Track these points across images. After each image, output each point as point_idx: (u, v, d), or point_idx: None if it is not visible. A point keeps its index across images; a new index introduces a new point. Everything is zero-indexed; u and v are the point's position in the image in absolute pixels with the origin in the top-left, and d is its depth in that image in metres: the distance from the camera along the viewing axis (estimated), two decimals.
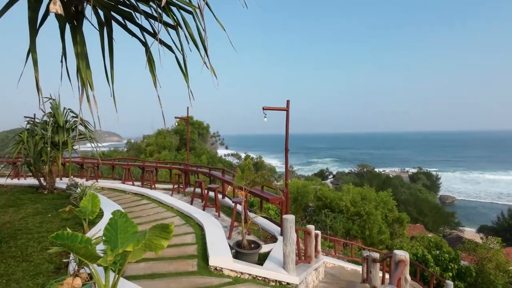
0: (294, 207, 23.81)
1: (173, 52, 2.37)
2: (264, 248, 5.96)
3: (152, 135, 45.92)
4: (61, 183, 9.43)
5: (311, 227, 6.66)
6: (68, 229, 3.47)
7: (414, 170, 76.53)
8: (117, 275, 2.56)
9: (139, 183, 12.13)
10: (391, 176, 60.94)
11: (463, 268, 11.97)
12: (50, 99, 7.84)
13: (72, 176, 8.24)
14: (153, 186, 11.57)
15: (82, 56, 2.26)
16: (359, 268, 10.79)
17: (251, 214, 7.38)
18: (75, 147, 8.32)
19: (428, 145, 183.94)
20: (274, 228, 7.20)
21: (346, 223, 21.07)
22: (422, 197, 42.09)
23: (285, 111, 6.64)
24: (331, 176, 74.89)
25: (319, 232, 8.47)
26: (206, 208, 8.46)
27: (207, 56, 2.22)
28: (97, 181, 12.01)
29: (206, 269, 4.71)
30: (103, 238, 2.68)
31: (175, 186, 11.13)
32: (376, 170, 67.84)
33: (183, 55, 2.35)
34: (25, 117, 7.95)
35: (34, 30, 2.09)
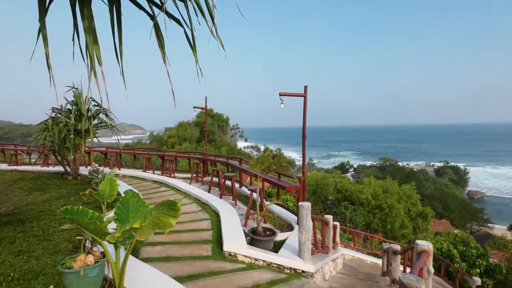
0: (313, 199, 23.54)
1: (181, 25, 2.29)
2: (280, 236, 5.88)
3: (174, 128, 46.79)
4: (85, 170, 9.77)
5: (329, 217, 6.50)
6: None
7: (440, 164, 73.39)
8: (127, 253, 2.56)
9: (159, 172, 12.37)
10: (415, 169, 58.79)
11: (492, 265, 11.35)
12: (72, 88, 8.08)
13: (94, 163, 8.50)
14: (172, 174, 11.77)
15: (89, 30, 2.22)
16: (379, 261, 10.50)
17: (266, 202, 7.31)
18: (97, 135, 8.56)
19: (456, 138, 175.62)
20: (290, 217, 7.09)
21: (367, 216, 20.58)
22: (448, 192, 40.32)
23: (303, 97, 6.44)
24: (351, 169, 73.37)
25: (337, 223, 8.27)
26: (223, 196, 8.48)
27: (214, 26, 2.11)
28: (120, 170, 12.39)
29: (220, 254, 4.70)
30: (115, 216, 2.68)
31: (194, 175, 11.26)
32: (400, 163, 65.69)
33: (191, 29, 2.26)
34: (52, 108, 8.24)
35: (43, 7, 2.06)
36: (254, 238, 5.13)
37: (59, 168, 9.44)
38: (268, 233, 5.46)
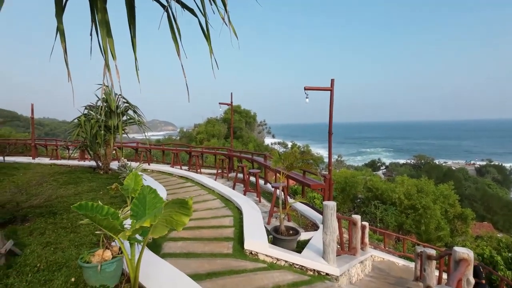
0: (341, 198, 22.87)
1: (195, 15, 2.19)
2: (304, 235, 5.68)
3: (202, 124, 47.72)
4: (116, 165, 10.16)
5: (357, 217, 6.19)
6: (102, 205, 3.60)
7: (483, 163, 68.32)
8: (142, 249, 2.52)
9: (186, 168, 12.59)
10: (453, 168, 55.28)
11: None
12: (103, 85, 8.35)
13: (123, 158, 8.80)
14: (198, 170, 11.92)
15: (103, 24, 2.18)
16: (411, 265, 9.93)
17: (290, 200, 7.11)
18: (126, 131, 8.83)
19: (500, 135, 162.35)
20: (315, 216, 6.85)
21: (399, 217, 19.59)
22: (491, 193, 37.36)
23: (329, 91, 6.15)
24: (383, 167, 70.53)
25: (366, 223, 7.90)
26: (248, 193, 8.40)
27: (227, 14, 1.98)
28: (149, 165, 12.78)
29: (241, 252, 4.61)
30: (131, 212, 2.66)
31: (219, 170, 11.32)
32: (436, 161, 62.04)
33: (205, 18, 2.15)
34: (86, 105, 8.63)
35: (60, 3, 2.04)
36: (276, 237, 4.98)
37: (93, 163, 9.90)
38: (291, 232, 5.29)
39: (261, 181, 10.24)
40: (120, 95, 8.47)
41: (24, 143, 16.14)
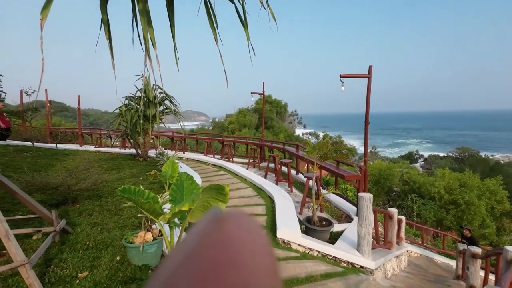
0: (375, 190, 22.09)
1: (232, 2, 2.18)
2: (337, 227, 5.59)
3: (234, 114, 48.30)
4: (154, 153, 10.64)
5: (393, 210, 5.98)
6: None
7: None
8: (181, 232, 2.63)
9: (219, 156, 12.86)
10: (502, 162, 50.89)
11: None
12: (142, 76, 8.74)
13: (160, 146, 9.18)
14: (231, 159, 12.12)
15: (143, 13, 2.24)
16: (451, 262, 9.42)
17: (323, 191, 7.00)
18: (163, 121, 9.18)
19: None
20: (349, 207, 6.70)
21: (438, 212, 18.53)
22: None
23: (367, 79, 5.88)
24: (421, 160, 66.80)
25: (403, 217, 7.60)
26: (279, 183, 8.41)
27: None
28: (184, 153, 13.24)
29: (273, 240, 4.65)
30: (169, 197, 2.77)
31: (251, 160, 11.42)
32: (482, 154, 57.50)
33: (242, 5, 2.13)
34: (126, 96, 9.07)
35: None
36: (309, 227, 4.95)
37: (133, 151, 10.46)
38: (324, 223, 5.23)
39: (293, 171, 10.19)
40: (157, 85, 8.79)
41: (72, 131, 17.45)
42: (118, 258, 2.99)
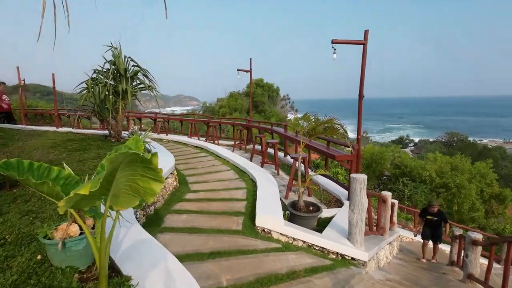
0: (366, 174, 21.82)
1: None
2: (326, 213, 4.98)
3: (225, 98, 47.42)
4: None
5: (387, 193, 5.42)
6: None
7: None
8: (113, 226, 1.92)
9: (204, 139, 12.10)
10: (490, 146, 51.50)
11: None
12: (112, 47, 7.79)
13: (133, 126, 8.37)
14: (216, 141, 11.39)
15: None
16: (444, 247, 9.08)
17: (311, 172, 6.38)
18: (137, 97, 8.30)
19: None
20: (339, 191, 6.10)
21: (429, 195, 18.34)
22: None
23: (362, 45, 5.13)
24: (411, 144, 67.25)
25: (396, 201, 7.09)
26: (266, 165, 7.76)
27: None
28: (167, 135, 12.43)
29: (252, 229, 4.00)
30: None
31: (237, 142, 10.71)
32: (470, 139, 58.05)
33: None
34: (94, 70, 8.05)
35: None
36: (294, 213, 4.32)
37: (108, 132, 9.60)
38: (311, 208, 4.60)
39: (281, 154, 9.55)
40: (129, 57, 7.87)
41: (49, 113, 16.32)
42: (39, 257, 2.29)
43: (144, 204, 2.58)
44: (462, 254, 6.31)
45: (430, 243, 8.36)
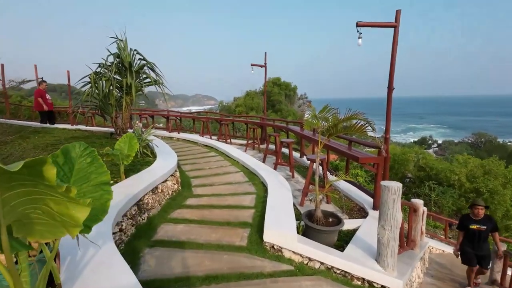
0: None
1: None
2: (347, 224, 4.24)
3: (241, 97, 47.30)
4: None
5: (418, 201, 4.64)
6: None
7: None
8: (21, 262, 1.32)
9: (216, 137, 11.56)
10: None
11: None
12: (117, 39, 7.35)
13: (138, 122, 7.90)
14: (228, 140, 10.82)
15: None
16: None
17: (331, 176, 5.63)
18: (143, 92, 7.82)
19: None
20: (363, 198, 5.32)
21: (457, 200, 16.96)
22: None
23: (393, 28, 4.35)
24: (435, 145, 64.25)
25: (425, 208, 6.25)
26: (281, 167, 7.09)
27: None
28: (179, 133, 12.00)
29: (259, 245, 3.34)
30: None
31: (250, 141, 10.08)
32: (499, 140, 54.68)
33: None
34: (99, 64, 7.65)
35: None
36: (310, 226, 3.62)
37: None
38: (330, 220, 3.88)
39: (297, 154, 8.83)
40: (135, 50, 7.40)
41: (64, 110, 16.33)
42: None
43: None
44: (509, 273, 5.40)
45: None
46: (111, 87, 6.93)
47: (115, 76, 7.10)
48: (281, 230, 3.38)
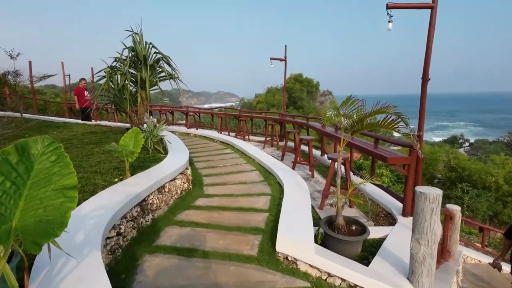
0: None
1: None
2: (373, 232, 3.76)
3: (262, 94, 47.18)
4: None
5: (454, 207, 4.09)
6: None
7: None
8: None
9: (235, 134, 11.28)
10: None
11: None
12: (132, 32, 7.18)
13: (151, 117, 7.73)
14: (246, 137, 10.49)
15: None
16: (505, 266, 7.25)
17: (355, 178, 5.14)
18: (159, 86, 7.62)
19: None
20: (390, 202, 4.79)
21: (493, 204, 15.67)
22: None
23: (430, 9, 3.78)
24: (466, 144, 60.59)
25: (460, 214, 5.59)
26: (300, 166, 6.68)
27: None
28: (197, 129, 11.85)
29: (271, 256, 2.95)
30: None
31: (268, 138, 9.69)
32: None
33: None
34: (115, 58, 7.54)
35: None
36: (329, 234, 3.19)
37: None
38: (354, 228, 3.43)
39: (317, 153, 8.34)
40: (151, 43, 7.20)
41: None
42: None
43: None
44: None
45: (507, 268, 6.60)
46: (126, 81, 6.77)
47: (129, 70, 6.94)
48: (297, 238, 2.97)
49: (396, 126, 2.84)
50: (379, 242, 3.66)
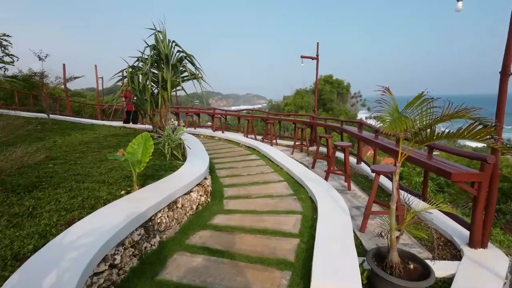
0: (456, 188, 17.51)
1: None
2: (433, 269, 2.92)
3: (291, 96, 46.43)
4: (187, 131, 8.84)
5: None
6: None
7: None
8: None
9: (261, 137, 10.66)
10: None
11: None
12: (155, 30, 6.81)
13: (172, 120, 7.30)
14: (273, 141, 9.82)
15: None
16: None
17: (415, 202, 4.23)
18: (182, 87, 7.19)
19: None
20: (451, 227, 3.87)
21: None
22: None
23: None
24: None
25: None
26: (333, 175, 5.88)
27: None
28: (223, 132, 11.41)
29: None
30: None
31: (297, 142, 8.95)
32: None
33: None
34: (137, 57, 7.27)
35: None
36: (381, 276, 2.43)
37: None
38: (411, 266, 2.64)
39: (353, 160, 7.46)
40: (174, 41, 6.79)
41: (118, 108, 17.01)
42: None
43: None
44: None
45: None
46: (147, 82, 6.40)
47: (151, 69, 6.57)
48: (338, 283, 2.25)
49: (489, 137, 2.02)
50: (442, 282, 2.83)
